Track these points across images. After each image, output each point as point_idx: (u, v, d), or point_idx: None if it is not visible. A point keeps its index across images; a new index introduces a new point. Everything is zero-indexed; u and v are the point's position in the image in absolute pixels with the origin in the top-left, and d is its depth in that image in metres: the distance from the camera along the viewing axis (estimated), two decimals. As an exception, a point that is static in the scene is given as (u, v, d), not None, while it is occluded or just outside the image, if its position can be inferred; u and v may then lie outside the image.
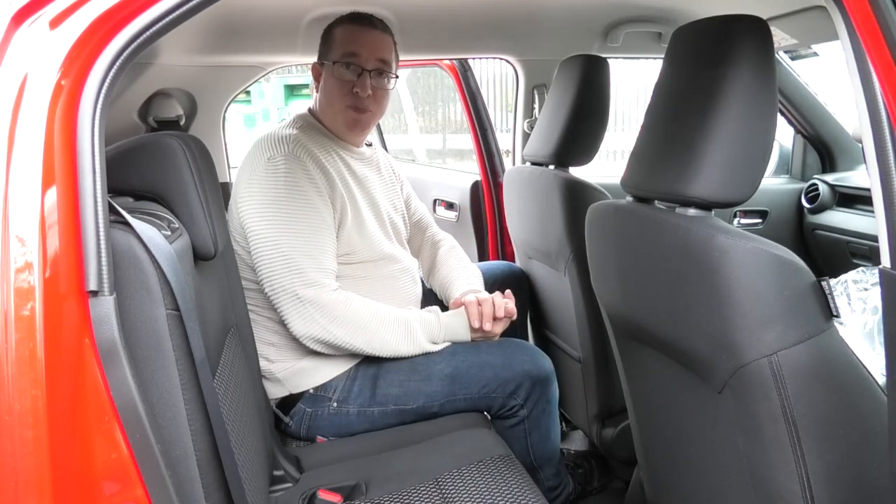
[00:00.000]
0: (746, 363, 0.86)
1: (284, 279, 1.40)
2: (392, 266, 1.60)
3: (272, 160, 1.44)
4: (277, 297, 1.41)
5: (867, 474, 0.88)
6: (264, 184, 1.42)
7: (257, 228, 1.42)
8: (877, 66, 0.76)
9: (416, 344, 1.50)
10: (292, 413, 1.50)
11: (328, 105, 1.57)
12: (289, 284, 1.40)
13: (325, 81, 1.56)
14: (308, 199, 1.43)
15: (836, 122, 2.45)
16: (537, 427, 1.56)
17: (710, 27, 0.96)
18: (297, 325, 1.41)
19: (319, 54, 1.59)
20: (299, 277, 1.40)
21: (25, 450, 0.64)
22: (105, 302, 0.70)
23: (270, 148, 1.46)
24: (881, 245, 0.78)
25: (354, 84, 1.51)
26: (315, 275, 1.41)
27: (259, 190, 1.43)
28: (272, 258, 1.41)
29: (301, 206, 1.42)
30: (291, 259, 1.40)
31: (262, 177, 1.43)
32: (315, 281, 1.40)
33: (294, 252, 1.40)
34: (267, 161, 1.44)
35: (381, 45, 1.54)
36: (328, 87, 1.56)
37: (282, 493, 1.27)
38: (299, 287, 1.39)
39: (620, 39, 2.06)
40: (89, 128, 0.70)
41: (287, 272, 1.40)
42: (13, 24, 0.69)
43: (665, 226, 0.98)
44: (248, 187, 1.44)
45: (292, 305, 1.40)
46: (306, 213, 1.42)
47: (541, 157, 1.77)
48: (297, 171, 1.43)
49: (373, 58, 1.52)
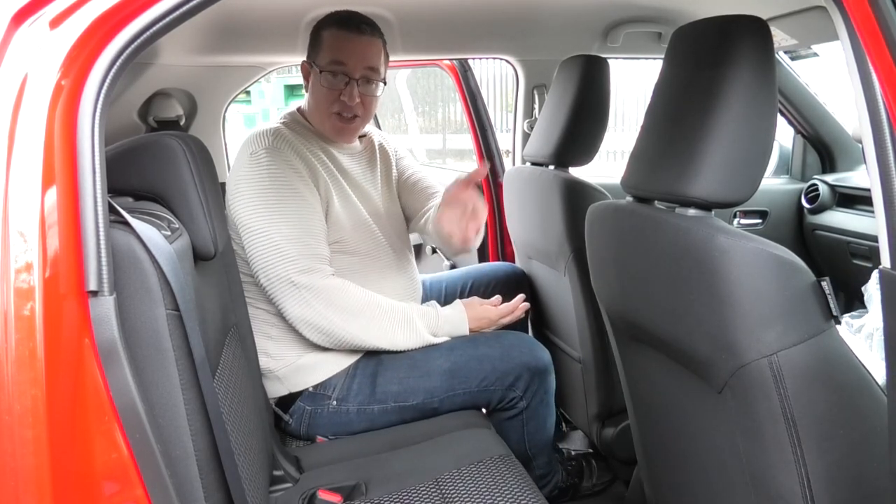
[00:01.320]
0: (746, 363, 0.86)
1: (278, 267, 1.41)
2: (389, 263, 1.60)
3: (255, 154, 1.46)
4: (272, 286, 1.42)
5: (867, 474, 0.88)
6: (249, 177, 1.44)
7: (247, 221, 1.43)
8: (877, 66, 0.76)
9: (416, 334, 1.50)
10: (292, 411, 1.50)
11: (316, 108, 1.57)
12: (283, 272, 1.41)
13: (313, 85, 1.56)
14: (293, 187, 1.44)
15: (836, 122, 2.45)
16: (534, 417, 1.58)
17: (710, 27, 0.96)
18: (293, 309, 1.41)
19: (308, 52, 1.58)
20: (293, 264, 1.41)
21: (25, 450, 0.64)
22: (105, 302, 0.70)
23: (252, 143, 1.48)
24: (881, 245, 0.78)
25: (342, 92, 1.51)
26: (308, 261, 1.42)
27: (245, 184, 1.44)
28: (264, 248, 1.41)
29: (287, 194, 1.43)
30: (283, 247, 1.41)
31: (247, 171, 1.45)
32: (309, 267, 1.41)
33: (284, 240, 1.41)
34: (250, 156, 1.46)
35: (368, 52, 1.52)
36: (315, 91, 1.55)
37: (282, 493, 1.27)
38: (293, 273, 1.40)
39: (620, 39, 2.06)
40: (89, 128, 0.70)
41: (280, 260, 1.41)
42: (13, 24, 0.69)
43: (665, 226, 0.98)
44: (236, 184, 1.46)
45: (288, 291, 1.41)
46: (293, 200, 1.44)
47: (541, 157, 1.77)
48: (278, 161, 1.45)
49: (360, 66, 1.50)
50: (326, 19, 1.54)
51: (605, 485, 1.85)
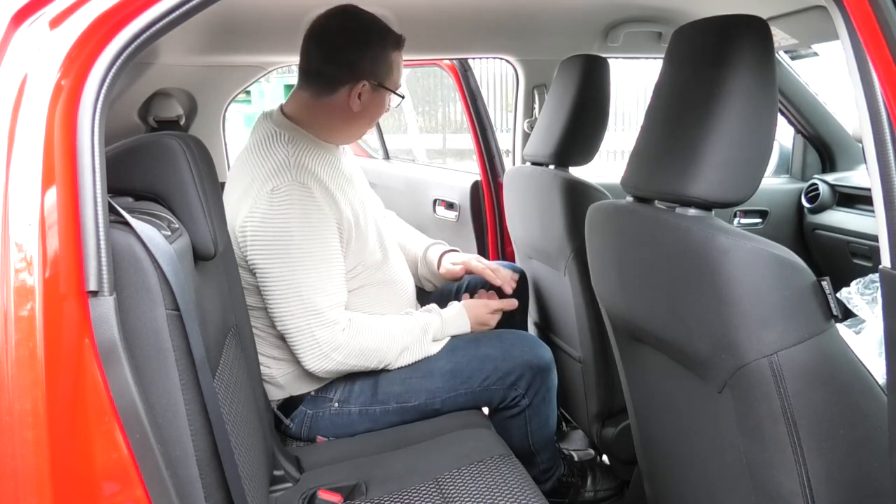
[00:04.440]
0: (746, 363, 0.86)
1: (300, 320, 1.37)
2: (387, 265, 1.59)
3: (276, 191, 1.35)
4: (292, 336, 1.39)
5: (868, 474, 0.88)
6: (270, 217, 1.35)
7: (267, 267, 1.36)
8: (877, 66, 0.76)
9: (424, 349, 1.51)
10: (293, 415, 1.50)
11: (357, 123, 1.56)
12: (305, 325, 1.37)
13: (372, 103, 1.51)
14: (317, 229, 1.37)
15: (836, 122, 2.45)
16: (537, 415, 1.58)
17: (710, 27, 0.96)
18: (313, 364, 1.40)
19: (366, 71, 1.47)
20: (316, 318, 1.37)
21: (25, 450, 0.64)
22: (105, 302, 0.70)
23: (272, 177, 1.37)
24: (881, 245, 0.78)
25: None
26: (331, 313, 1.38)
27: (263, 223, 1.35)
28: (286, 296, 1.36)
29: (311, 238, 1.36)
30: (307, 298, 1.36)
31: (266, 209, 1.35)
32: (331, 320, 1.38)
33: (309, 290, 1.36)
34: (270, 192, 1.35)
35: None
36: (373, 109, 1.53)
37: (282, 493, 1.27)
38: (317, 328, 1.37)
39: (620, 39, 2.06)
40: (89, 128, 0.70)
41: (304, 313, 1.36)
42: (13, 24, 0.69)
43: (665, 226, 0.98)
44: (250, 216, 1.36)
45: (309, 346, 1.38)
46: (317, 245, 1.37)
47: (541, 156, 1.77)
48: (303, 200, 1.36)
49: None
50: (390, 39, 1.50)
51: (608, 492, 1.85)
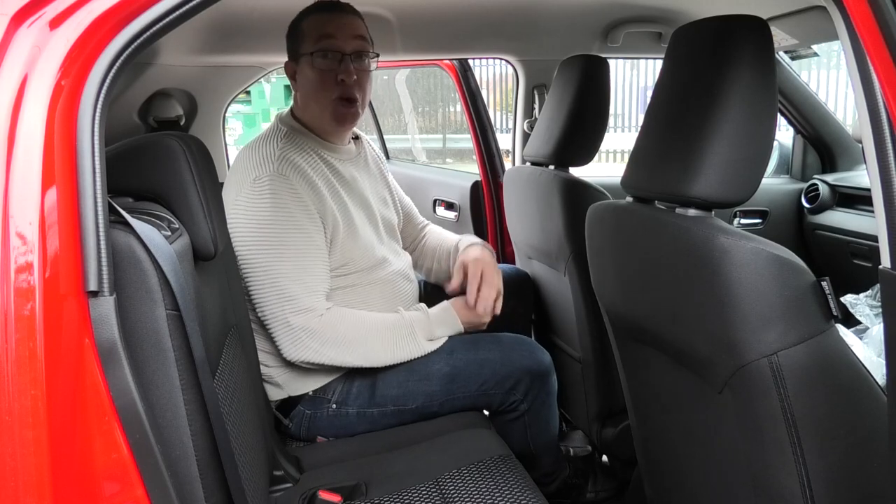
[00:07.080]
0: (746, 363, 0.86)
1: (275, 306, 1.38)
2: (386, 269, 1.58)
3: (258, 181, 1.39)
4: (268, 323, 1.40)
5: (867, 474, 0.88)
6: (250, 206, 1.38)
7: (246, 254, 1.39)
8: (877, 66, 0.76)
9: (417, 345, 1.48)
10: (292, 415, 1.50)
11: (313, 102, 1.50)
12: (279, 311, 1.38)
13: (304, 76, 1.48)
14: (295, 220, 1.39)
15: (836, 122, 2.46)
16: (537, 419, 1.57)
17: (710, 27, 0.96)
18: (289, 350, 1.40)
19: (289, 52, 1.51)
20: (290, 304, 1.38)
21: (25, 450, 0.64)
22: (105, 302, 0.70)
23: (256, 167, 1.41)
24: (881, 245, 0.78)
25: (337, 72, 1.44)
26: (306, 300, 1.38)
27: (245, 213, 1.39)
28: (262, 284, 1.39)
29: (289, 228, 1.38)
30: (281, 285, 1.38)
31: (248, 198, 1.39)
32: (306, 307, 1.38)
33: (283, 278, 1.38)
34: (252, 182, 1.39)
35: (354, 24, 1.47)
36: (308, 82, 1.48)
37: (282, 494, 1.27)
38: (290, 314, 1.38)
39: (620, 39, 2.06)
40: (89, 128, 0.70)
41: (277, 299, 1.38)
42: (13, 24, 0.69)
43: (665, 226, 0.98)
44: (234, 208, 1.39)
45: (283, 332, 1.39)
46: (294, 235, 1.39)
47: (541, 157, 1.77)
48: (282, 191, 1.38)
49: (350, 38, 1.44)
50: (302, 12, 1.49)
51: (608, 493, 1.85)
